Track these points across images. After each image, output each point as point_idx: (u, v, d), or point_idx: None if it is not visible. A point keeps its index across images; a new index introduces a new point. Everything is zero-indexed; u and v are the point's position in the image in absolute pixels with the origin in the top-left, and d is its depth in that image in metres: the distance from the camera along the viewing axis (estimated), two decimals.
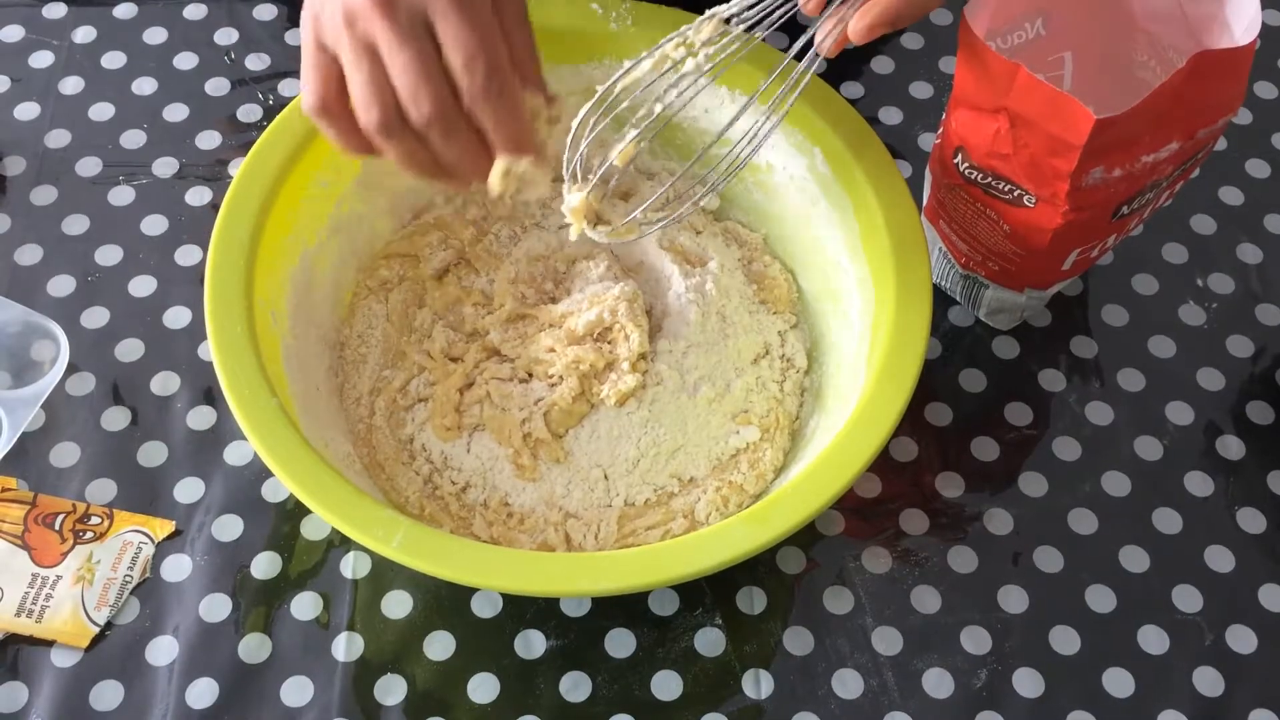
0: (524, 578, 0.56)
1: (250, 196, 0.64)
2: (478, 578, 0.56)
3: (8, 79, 0.81)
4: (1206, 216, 0.78)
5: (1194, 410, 0.71)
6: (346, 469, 0.62)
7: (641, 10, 0.70)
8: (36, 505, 0.65)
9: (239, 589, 0.64)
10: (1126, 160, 0.59)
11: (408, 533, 0.56)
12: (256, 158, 0.65)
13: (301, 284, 0.67)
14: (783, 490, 0.58)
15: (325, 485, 0.57)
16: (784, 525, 0.57)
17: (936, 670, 0.63)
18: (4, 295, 0.71)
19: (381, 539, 0.56)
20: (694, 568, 0.56)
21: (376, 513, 0.57)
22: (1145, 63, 0.64)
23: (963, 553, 0.66)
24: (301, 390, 0.63)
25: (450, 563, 0.56)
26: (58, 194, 0.76)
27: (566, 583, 0.57)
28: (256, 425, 0.58)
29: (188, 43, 0.83)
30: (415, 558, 0.56)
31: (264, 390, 0.59)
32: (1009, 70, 0.58)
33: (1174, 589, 0.65)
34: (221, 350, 0.60)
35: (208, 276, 0.62)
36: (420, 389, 0.67)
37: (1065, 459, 0.69)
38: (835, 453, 0.59)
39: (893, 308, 0.62)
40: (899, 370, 0.60)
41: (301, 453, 0.58)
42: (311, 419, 0.62)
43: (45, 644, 0.62)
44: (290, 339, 0.65)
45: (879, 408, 0.59)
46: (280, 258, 0.65)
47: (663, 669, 0.63)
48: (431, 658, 0.63)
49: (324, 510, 0.57)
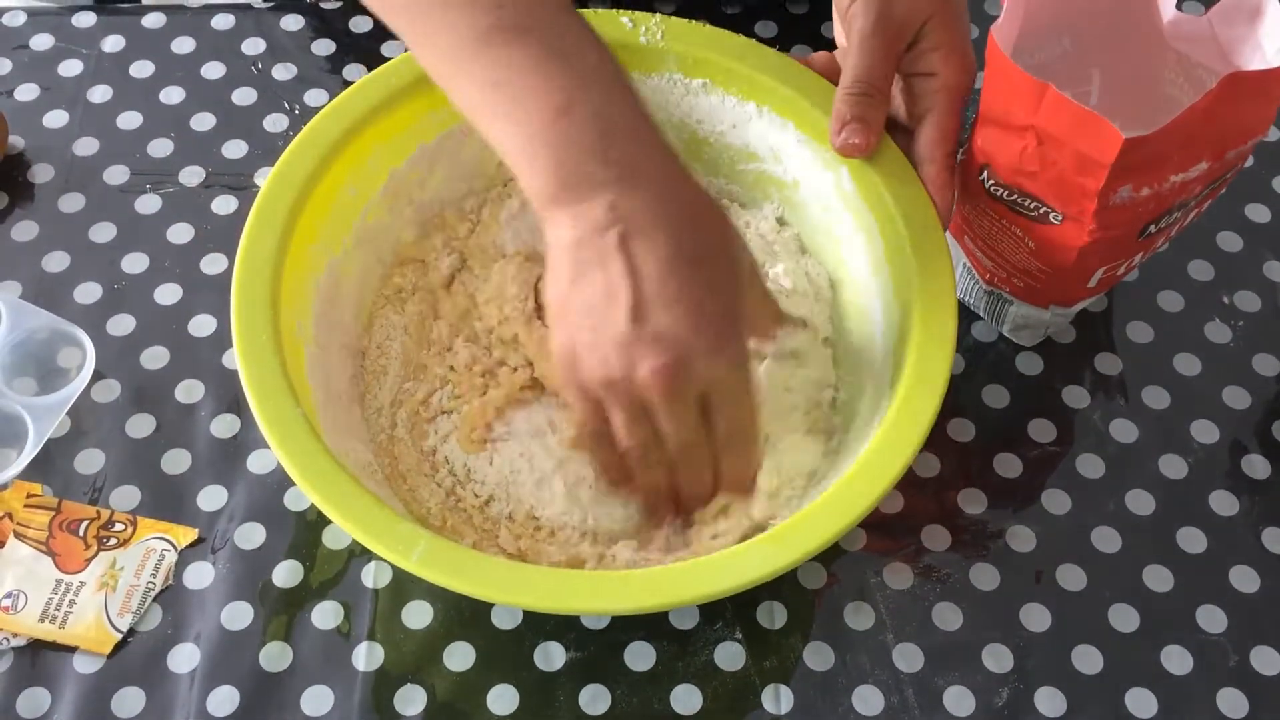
0: (543, 594, 0.56)
1: (279, 204, 0.64)
2: (497, 593, 0.56)
3: (37, 87, 0.81)
4: (1233, 234, 0.77)
5: (1219, 429, 0.70)
6: (367, 479, 0.62)
7: (673, 25, 0.70)
8: (61, 511, 0.66)
9: (260, 597, 0.64)
10: (1155, 180, 0.59)
11: (428, 546, 0.56)
12: (285, 166, 0.65)
13: (327, 293, 0.67)
14: (807, 510, 0.58)
15: (346, 496, 0.57)
16: (806, 547, 0.57)
17: (958, 688, 0.63)
18: (31, 302, 0.72)
19: (401, 552, 0.56)
20: (714, 589, 0.56)
21: (396, 525, 0.57)
22: (1174, 81, 0.64)
23: (985, 570, 0.66)
24: (324, 399, 0.63)
25: (469, 577, 0.56)
26: (85, 202, 0.77)
27: (585, 600, 0.57)
28: (279, 434, 0.58)
29: (215, 52, 0.83)
30: (435, 571, 0.56)
31: (288, 399, 0.59)
32: (1037, 88, 0.58)
33: (1198, 609, 0.65)
34: (247, 358, 0.60)
35: (235, 284, 0.62)
36: (443, 401, 0.68)
37: (1089, 476, 0.69)
38: (861, 473, 0.58)
39: (918, 327, 0.61)
40: (924, 391, 0.60)
41: (323, 462, 0.58)
42: (334, 428, 0.62)
43: (68, 650, 0.62)
44: (315, 347, 0.65)
45: (903, 429, 0.59)
46: (306, 266, 0.65)
47: (682, 682, 0.62)
48: (451, 668, 0.63)
49: (345, 521, 0.57)
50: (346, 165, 0.67)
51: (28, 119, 0.80)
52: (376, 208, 0.70)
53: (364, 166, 0.68)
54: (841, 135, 0.65)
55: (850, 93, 0.64)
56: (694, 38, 0.69)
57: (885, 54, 0.64)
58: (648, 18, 0.70)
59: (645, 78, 0.70)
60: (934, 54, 0.64)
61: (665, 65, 0.70)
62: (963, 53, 0.64)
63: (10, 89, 0.81)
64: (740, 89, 0.69)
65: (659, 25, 0.70)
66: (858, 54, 0.64)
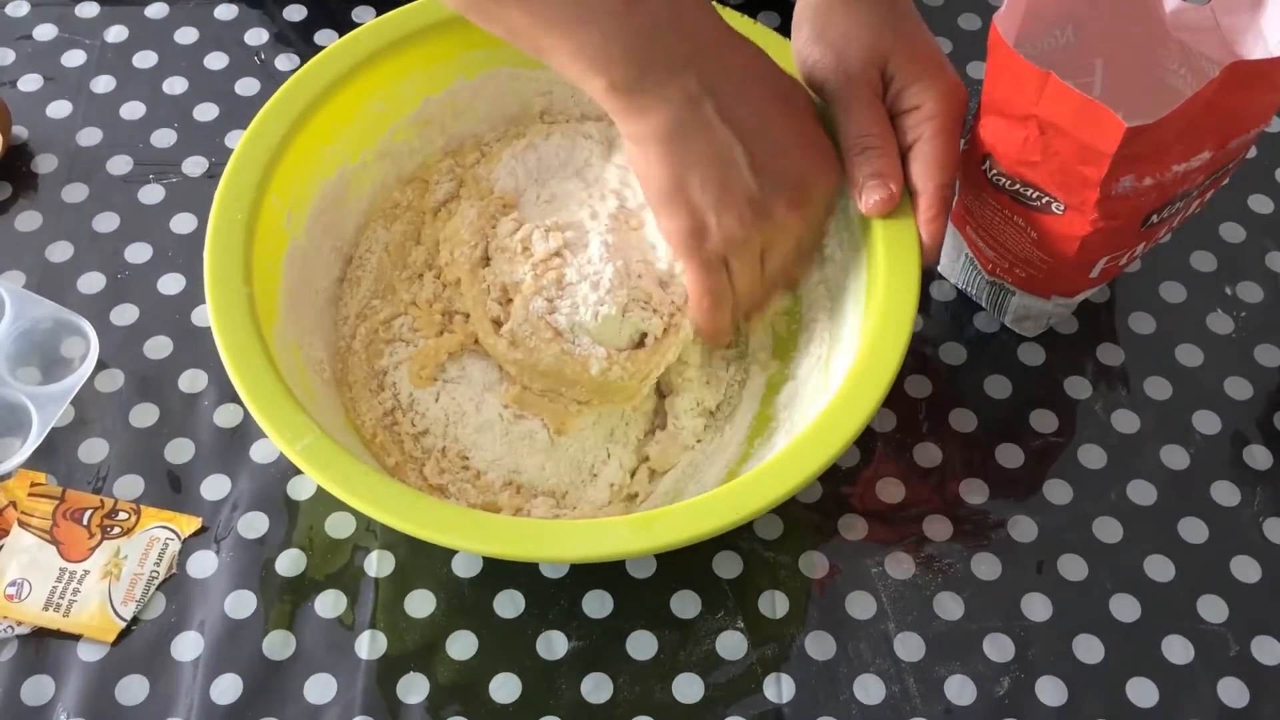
0: (409, 517, 0.56)
1: (298, 97, 0.66)
2: (365, 505, 0.56)
3: (40, 77, 0.81)
4: (1236, 224, 0.77)
5: (1221, 419, 0.70)
6: (314, 373, 0.64)
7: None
8: (65, 500, 0.66)
9: (263, 586, 0.64)
10: (1157, 169, 0.59)
11: (316, 441, 0.57)
12: (316, 66, 0.67)
13: (332, 195, 0.69)
14: (762, 467, 0.58)
15: (258, 372, 0.59)
16: (765, 499, 0.57)
17: (959, 677, 0.63)
18: (35, 292, 0.72)
19: (289, 439, 0.57)
20: (578, 551, 0.57)
21: (293, 414, 0.58)
22: (1177, 71, 0.64)
23: (986, 559, 0.66)
24: (293, 290, 0.66)
25: (345, 483, 0.56)
26: (88, 192, 0.77)
27: (456, 537, 0.56)
28: (219, 301, 0.60)
29: (218, 43, 0.83)
30: (314, 467, 0.57)
31: (239, 275, 0.61)
32: (1039, 78, 0.58)
33: (1199, 599, 0.65)
34: (216, 231, 0.62)
35: (233, 156, 0.64)
36: (403, 331, 0.68)
37: (1091, 467, 0.69)
38: (819, 430, 0.58)
39: (883, 288, 0.62)
40: (886, 347, 0.60)
41: (250, 342, 0.59)
42: (294, 318, 0.65)
43: (72, 638, 0.63)
44: (302, 240, 0.67)
45: (866, 386, 0.59)
46: (315, 163, 0.67)
47: (684, 671, 0.63)
48: (454, 657, 0.63)
49: (246, 393, 0.58)
50: (379, 81, 0.68)
51: (31, 109, 0.80)
52: (405, 130, 0.71)
53: (398, 87, 0.69)
54: (863, 198, 0.63)
55: (854, 153, 0.63)
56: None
57: (867, 100, 0.63)
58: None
59: None
60: (910, 89, 0.63)
61: None
62: (943, 81, 0.63)
63: (14, 79, 0.81)
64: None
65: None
66: (841, 113, 0.63)
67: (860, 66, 0.63)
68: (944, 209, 0.63)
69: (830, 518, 0.67)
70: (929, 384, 0.71)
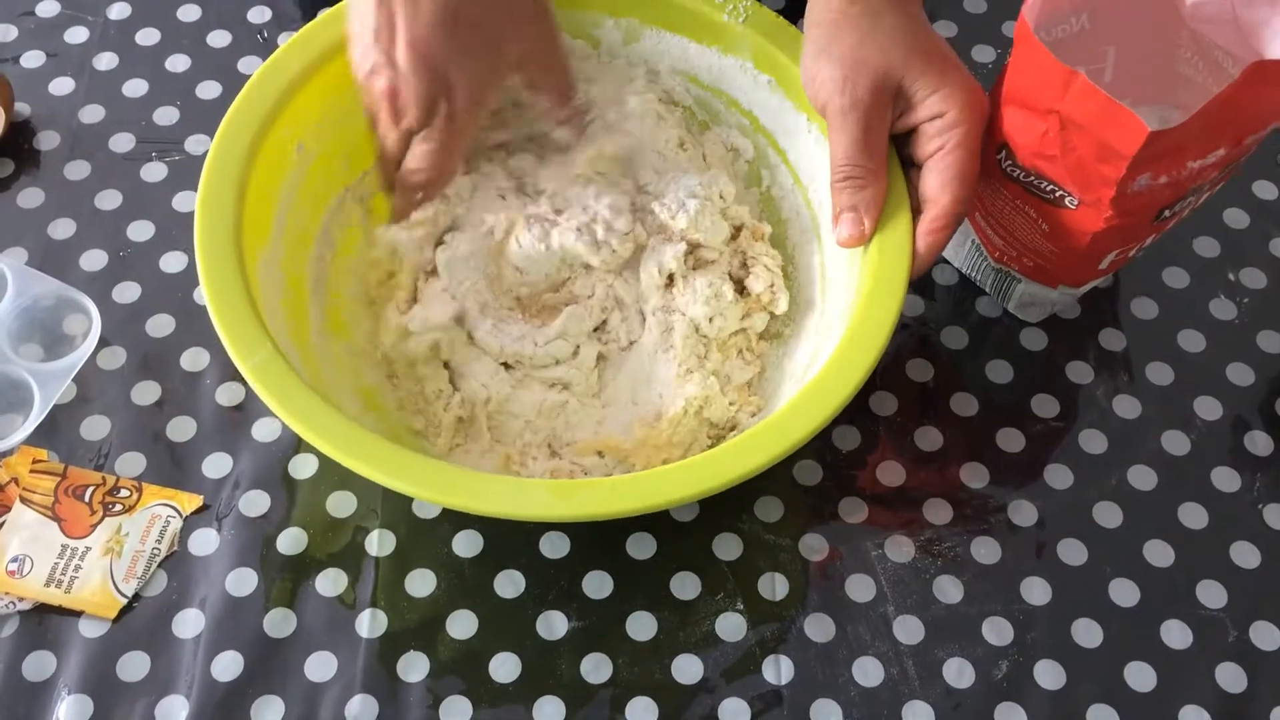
0: (337, 441, 0.57)
1: (328, 32, 0.67)
2: (303, 428, 0.57)
3: (43, 54, 0.81)
4: (1239, 210, 0.77)
5: (1223, 405, 0.71)
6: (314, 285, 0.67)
7: (759, 13, 0.69)
8: (67, 477, 0.66)
9: (264, 564, 0.64)
10: (1174, 168, 0.58)
11: (267, 358, 0.58)
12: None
13: (334, 114, 0.69)
14: (750, 431, 0.58)
15: (229, 292, 0.60)
16: (777, 449, 0.57)
17: (957, 660, 0.63)
18: (37, 269, 0.72)
19: (243, 353, 0.59)
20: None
21: (250, 329, 0.59)
22: (1189, 60, 0.63)
23: (986, 543, 0.66)
24: (285, 208, 0.67)
25: (289, 404, 0.58)
26: (91, 169, 0.77)
27: (371, 463, 0.57)
28: (207, 226, 0.62)
29: (221, 20, 0.83)
30: (261, 385, 0.58)
31: (229, 202, 0.63)
32: (1065, 75, 0.57)
33: (1198, 584, 0.65)
34: (215, 152, 0.65)
35: (244, 90, 0.66)
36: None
37: (1092, 452, 0.69)
38: (805, 399, 0.59)
39: (875, 255, 0.62)
40: (876, 320, 0.60)
41: (229, 262, 0.61)
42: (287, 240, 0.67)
43: (74, 614, 0.63)
44: (298, 154, 0.68)
45: (851, 361, 0.59)
46: (326, 92, 0.68)
47: (684, 652, 0.63)
48: (454, 636, 0.63)
49: (214, 305, 0.60)
50: None
51: (34, 86, 0.80)
52: None
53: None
54: (836, 230, 0.63)
55: (836, 181, 0.63)
56: (774, 32, 0.69)
57: (866, 127, 0.62)
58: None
59: (723, 56, 0.70)
60: (932, 98, 0.61)
61: (739, 50, 0.70)
62: (964, 89, 0.61)
63: (16, 55, 0.81)
64: (799, 99, 0.68)
65: (747, 8, 0.69)
66: (837, 135, 0.62)
67: (868, 90, 0.61)
68: (952, 224, 0.62)
69: (831, 501, 0.67)
70: (931, 368, 0.71)
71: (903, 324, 0.70)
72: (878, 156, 0.62)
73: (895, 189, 0.63)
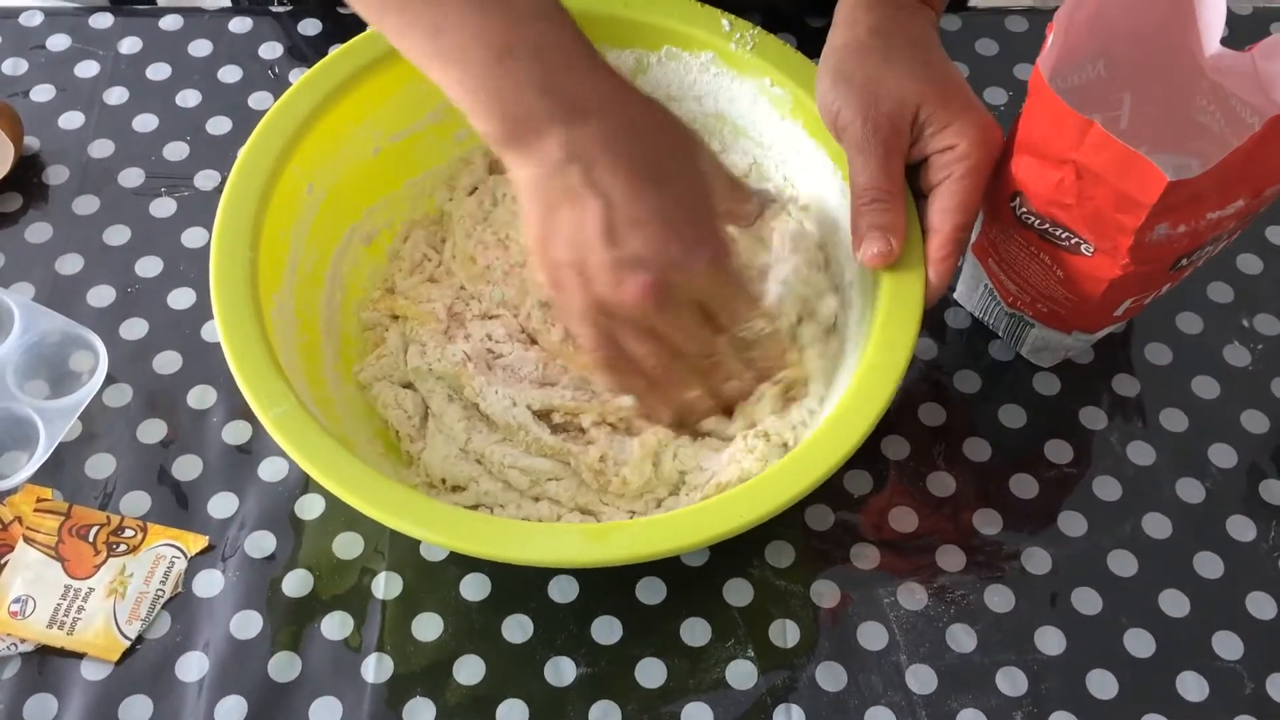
0: (363, 494, 0.57)
1: (335, 71, 0.68)
2: (323, 475, 0.57)
3: (53, 88, 0.81)
4: (1253, 256, 0.77)
5: (1237, 453, 0.70)
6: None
7: (766, 41, 0.70)
8: (71, 516, 0.65)
9: (270, 606, 0.64)
10: (1193, 218, 0.58)
11: (289, 411, 0.58)
12: (360, 41, 0.69)
13: (355, 174, 0.70)
14: (751, 483, 0.58)
15: (248, 342, 0.60)
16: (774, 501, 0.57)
17: (971, 711, 0.62)
18: (44, 304, 0.71)
19: (265, 404, 0.58)
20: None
21: (271, 381, 0.59)
22: (1206, 109, 0.63)
23: (1000, 592, 0.65)
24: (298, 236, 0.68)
25: (311, 454, 0.57)
26: (100, 204, 0.77)
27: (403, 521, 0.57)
28: (222, 272, 0.62)
29: (232, 56, 0.83)
30: (283, 435, 0.58)
31: (244, 247, 0.63)
32: (1081, 124, 0.57)
33: (1214, 635, 0.64)
34: (229, 195, 0.64)
35: (256, 131, 0.66)
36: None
37: (1105, 499, 0.68)
38: (810, 450, 0.59)
39: (882, 318, 0.62)
40: (886, 365, 0.60)
41: (247, 312, 0.61)
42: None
43: (76, 656, 0.62)
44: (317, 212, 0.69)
45: (863, 400, 0.59)
46: (340, 140, 0.69)
47: (693, 700, 0.62)
48: (461, 682, 0.62)
49: (233, 355, 0.60)
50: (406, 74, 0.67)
51: (43, 119, 0.79)
52: (430, 127, 0.74)
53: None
54: (862, 248, 0.63)
55: (862, 204, 0.63)
56: (781, 60, 0.69)
57: (886, 153, 0.62)
58: (747, 26, 0.70)
59: (741, 79, 0.71)
60: (945, 131, 0.62)
61: (744, 72, 0.71)
62: (977, 124, 0.62)
63: (26, 89, 0.81)
64: (813, 126, 0.69)
65: (753, 37, 0.70)
66: (859, 162, 0.63)
67: (888, 117, 0.62)
68: (956, 250, 0.63)
69: (842, 546, 0.66)
70: (943, 412, 0.71)
71: (915, 367, 0.70)
72: (899, 182, 0.63)
73: (910, 222, 0.64)
